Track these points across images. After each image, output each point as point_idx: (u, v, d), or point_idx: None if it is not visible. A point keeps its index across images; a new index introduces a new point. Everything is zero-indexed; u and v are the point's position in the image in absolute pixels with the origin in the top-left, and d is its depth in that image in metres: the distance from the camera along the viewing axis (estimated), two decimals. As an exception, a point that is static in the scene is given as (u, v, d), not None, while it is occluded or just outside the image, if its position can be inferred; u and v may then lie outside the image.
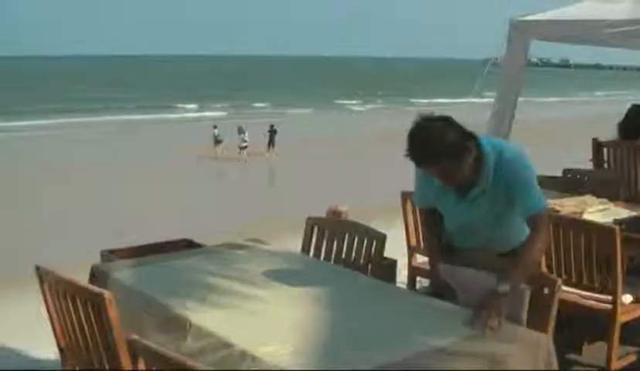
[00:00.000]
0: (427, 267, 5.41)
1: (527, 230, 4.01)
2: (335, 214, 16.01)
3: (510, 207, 4.01)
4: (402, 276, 6.16)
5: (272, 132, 29.80)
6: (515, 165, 3.94)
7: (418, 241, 5.97)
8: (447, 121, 3.80)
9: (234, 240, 4.87)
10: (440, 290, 4.16)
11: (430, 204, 4.33)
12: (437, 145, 3.73)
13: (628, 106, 9.10)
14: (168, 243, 5.56)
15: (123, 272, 4.19)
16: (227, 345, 3.16)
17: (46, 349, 5.00)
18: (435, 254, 4.39)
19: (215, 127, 30.42)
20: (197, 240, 5.65)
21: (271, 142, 29.58)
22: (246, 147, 28.80)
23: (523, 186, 3.93)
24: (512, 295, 3.64)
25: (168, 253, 4.86)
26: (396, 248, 5.67)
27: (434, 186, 4.08)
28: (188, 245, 5.48)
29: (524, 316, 3.79)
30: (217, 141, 29.65)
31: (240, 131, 29.36)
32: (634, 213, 5.67)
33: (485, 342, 3.27)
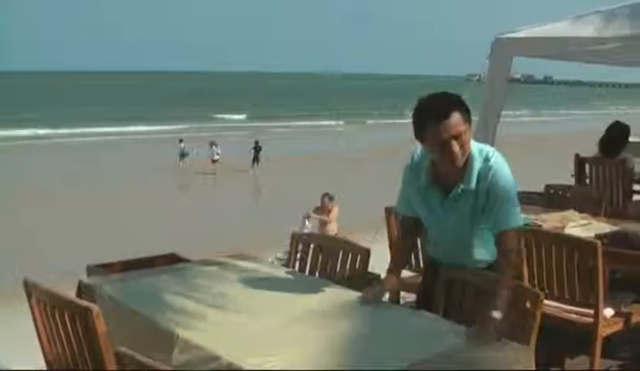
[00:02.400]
0: (411, 281, 5.48)
1: (489, 256, 4.17)
2: (324, 205, 16.01)
3: (485, 216, 4.05)
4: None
5: (256, 149, 29.98)
6: (500, 173, 3.98)
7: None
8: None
9: (220, 254, 4.90)
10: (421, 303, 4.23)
11: (412, 211, 4.35)
12: (452, 96, 3.95)
13: (610, 123, 9.20)
14: (154, 257, 5.57)
15: (110, 286, 4.20)
16: (214, 358, 3.18)
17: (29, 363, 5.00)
18: (400, 260, 4.44)
19: (181, 141, 30.95)
20: (182, 255, 5.67)
21: (256, 159, 29.78)
22: (217, 160, 29.29)
23: (506, 197, 3.97)
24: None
25: (154, 268, 4.88)
26: (380, 263, 5.70)
27: (421, 186, 4.15)
28: (175, 259, 5.49)
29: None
30: (182, 155, 30.18)
31: (212, 144, 29.89)
32: (615, 228, 5.72)
33: (471, 351, 3.31)
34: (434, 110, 3.88)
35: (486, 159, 3.99)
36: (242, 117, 58.64)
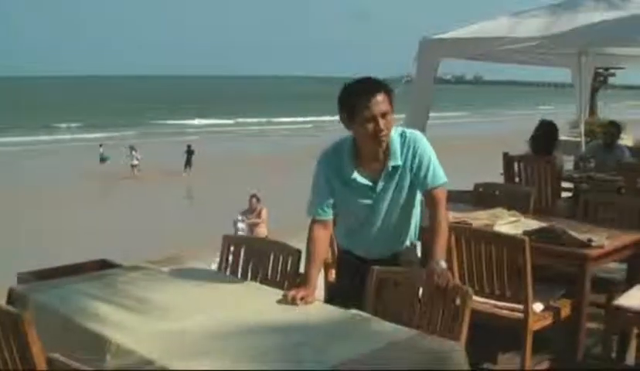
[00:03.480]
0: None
1: (415, 233, 4.56)
2: (252, 207, 16.04)
3: (414, 189, 4.35)
4: (318, 293, 6.19)
5: (189, 152, 30.06)
6: (419, 138, 4.33)
7: (335, 257, 6.01)
8: None
9: (151, 260, 4.86)
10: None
11: (330, 209, 4.41)
12: (378, 79, 4.23)
13: (538, 122, 9.35)
14: (84, 263, 5.53)
15: (41, 294, 4.14)
16: (147, 362, 3.16)
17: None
18: (317, 262, 4.41)
19: (100, 145, 31.09)
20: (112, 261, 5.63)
21: (188, 162, 29.85)
22: (137, 165, 29.56)
23: (431, 158, 4.30)
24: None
25: (85, 274, 4.83)
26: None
27: (346, 177, 4.31)
28: (105, 265, 5.45)
29: None
30: (102, 160, 30.32)
31: (132, 149, 30.15)
32: (543, 225, 5.80)
33: (403, 350, 3.34)
34: (364, 88, 4.16)
35: (402, 134, 4.29)
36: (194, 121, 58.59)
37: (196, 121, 58.73)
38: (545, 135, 9.09)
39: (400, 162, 4.26)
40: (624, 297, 5.34)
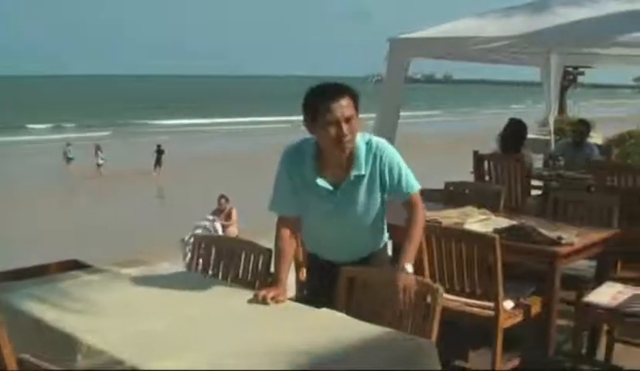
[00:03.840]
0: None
1: (383, 235, 4.53)
2: (221, 207, 16.06)
3: (382, 193, 4.30)
4: (290, 292, 6.18)
5: (159, 152, 30.08)
6: (386, 146, 4.28)
7: (305, 256, 6.01)
8: None
9: (121, 260, 4.84)
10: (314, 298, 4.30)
11: (293, 209, 4.39)
12: (343, 84, 4.17)
13: (509, 120, 9.41)
14: (55, 263, 5.47)
15: (10, 294, 4.10)
16: (118, 362, 3.15)
17: None
18: (286, 260, 4.38)
19: (68, 145, 31.18)
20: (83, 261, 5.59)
21: (158, 162, 29.87)
22: (102, 165, 29.92)
23: (401, 167, 4.27)
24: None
25: (56, 274, 4.80)
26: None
27: (307, 179, 4.25)
28: (76, 265, 5.41)
29: None
30: (68, 159, 30.47)
31: (97, 149, 30.47)
32: (513, 223, 5.83)
33: (376, 349, 3.34)
34: (328, 92, 4.09)
35: (368, 142, 4.23)
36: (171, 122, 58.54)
37: (172, 121, 58.71)
38: (513, 134, 9.16)
39: (363, 172, 4.19)
40: (593, 294, 5.38)
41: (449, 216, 6.03)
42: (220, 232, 15.45)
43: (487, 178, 8.97)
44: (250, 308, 3.94)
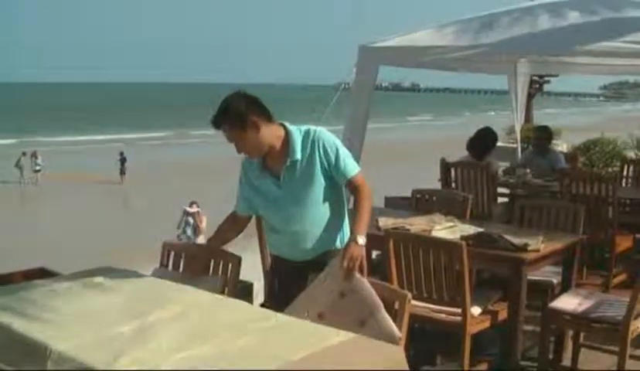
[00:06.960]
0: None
1: (340, 234, 4.60)
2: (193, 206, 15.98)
3: (326, 178, 4.47)
4: (259, 300, 6.18)
5: (122, 160, 30.34)
6: (323, 132, 4.49)
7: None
8: (243, 95, 4.40)
9: (88, 267, 4.82)
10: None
11: (251, 207, 4.74)
12: (220, 113, 4.36)
13: (477, 128, 9.48)
14: (23, 271, 5.45)
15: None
16: (88, 369, 3.15)
17: None
18: (219, 233, 4.87)
19: (23, 154, 31.84)
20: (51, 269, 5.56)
21: (122, 170, 30.16)
22: (39, 170, 30.65)
23: (340, 152, 4.46)
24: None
25: (24, 282, 4.77)
26: (252, 271, 5.71)
27: (254, 175, 4.60)
28: (43, 273, 5.38)
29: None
30: (20, 168, 31.10)
31: (34, 155, 31.21)
32: (480, 229, 5.87)
33: (345, 353, 3.36)
34: (212, 121, 4.41)
35: (306, 132, 4.47)
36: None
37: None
38: (483, 141, 9.23)
39: (298, 157, 4.42)
40: (559, 300, 5.45)
41: (416, 223, 6.06)
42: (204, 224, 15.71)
43: (454, 185, 9.01)
44: (217, 312, 3.95)
